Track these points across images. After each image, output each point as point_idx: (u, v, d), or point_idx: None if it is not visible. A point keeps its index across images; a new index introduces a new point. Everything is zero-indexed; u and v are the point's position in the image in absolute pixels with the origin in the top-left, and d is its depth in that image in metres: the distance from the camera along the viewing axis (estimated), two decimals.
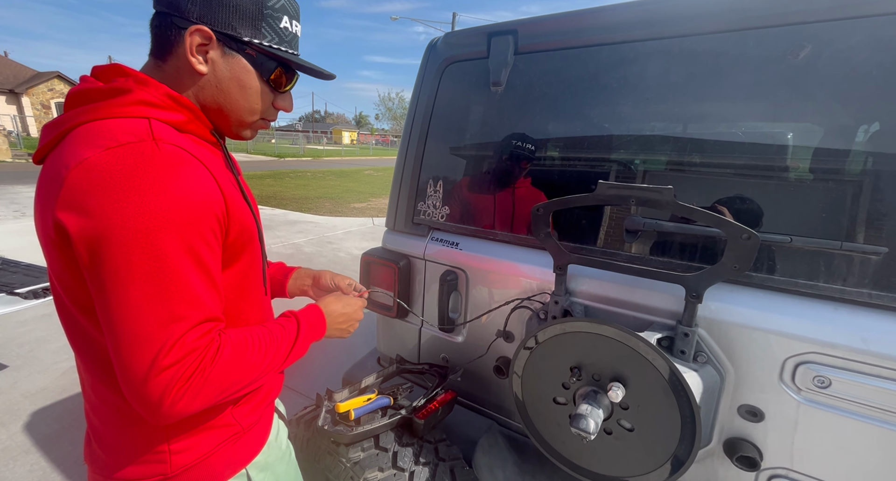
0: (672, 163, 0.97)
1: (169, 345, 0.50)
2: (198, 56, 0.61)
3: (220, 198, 0.57)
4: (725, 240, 0.76)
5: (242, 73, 0.65)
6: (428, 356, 1.37)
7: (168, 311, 0.51)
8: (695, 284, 0.81)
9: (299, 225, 7.33)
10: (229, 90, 0.65)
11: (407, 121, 1.32)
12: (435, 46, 1.25)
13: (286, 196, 10.46)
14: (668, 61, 0.94)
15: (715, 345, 0.86)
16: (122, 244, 0.48)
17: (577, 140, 1.14)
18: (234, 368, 0.57)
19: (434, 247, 1.27)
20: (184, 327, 0.51)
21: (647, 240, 0.96)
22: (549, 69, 1.10)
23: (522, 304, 1.08)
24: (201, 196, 0.54)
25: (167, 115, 0.59)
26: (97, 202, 0.48)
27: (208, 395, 0.54)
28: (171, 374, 0.50)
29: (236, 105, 0.66)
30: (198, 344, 0.53)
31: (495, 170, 1.25)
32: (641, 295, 0.94)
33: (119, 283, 0.49)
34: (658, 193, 0.79)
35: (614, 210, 1.01)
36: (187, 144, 0.57)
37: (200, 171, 0.55)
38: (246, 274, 0.69)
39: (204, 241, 0.54)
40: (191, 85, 0.63)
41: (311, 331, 0.74)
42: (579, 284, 1.02)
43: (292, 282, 0.98)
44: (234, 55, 0.63)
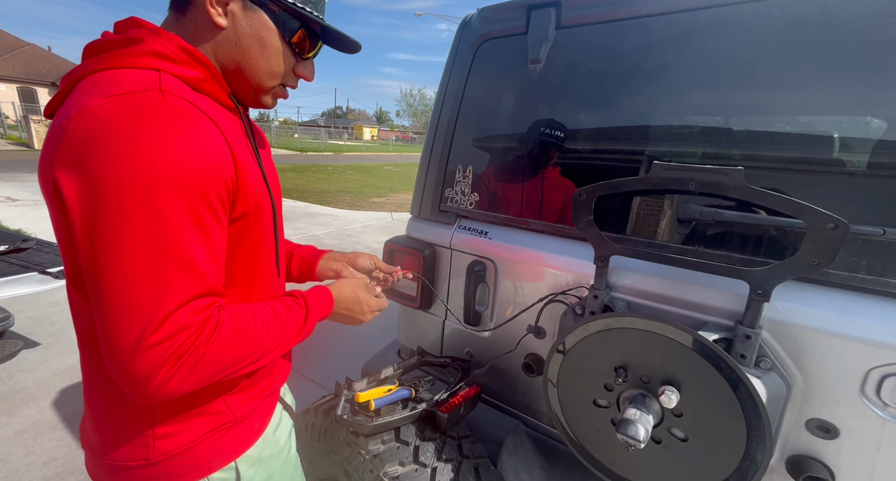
0: (744, 157, 0.86)
1: (160, 317, 0.45)
2: (217, 7, 0.57)
3: (231, 163, 0.53)
4: (803, 230, 0.67)
5: (264, 31, 0.60)
6: (451, 350, 1.30)
7: (162, 280, 0.46)
8: (762, 280, 0.71)
9: (319, 217, 7.38)
10: (249, 48, 0.60)
11: (436, 103, 1.26)
12: (469, 23, 1.18)
13: (307, 189, 10.58)
14: (737, 34, 0.84)
15: (781, 351, 0.77)
16: (117, 200, 0.44)
17: (626, 127, 1.05)
18: (233, 348, 0.53)
19: (461, 235, 1.20)
20: (179, 299, 0.47)
21: (703, 230, 0.87)
22: (596, 45, 1.01)
23: (557, 298, 1.00)
24: (208, 156, 0.49)
25: (181, 70, 0.54)
26: (93, 153, 0.44)
27: (201, 376, 0.50)
28: (161, 352, 0.45)
29: (255, 65, 0.61)
30: (193, 320, 0.48)
31: (535, 155, 1.18)
32: (693, 291, 0.85)
33: (111, 244, 0.44)
34: (725, 175, 0.70)
35: (665, 197, 0.92)
36: (200, 102, 0.52)
37: (210, 130, 0.51)
38: (256, 253, 0.65)
39: (208, 206, 0.49)
40: (209, 40, 0.59)
41: (318, 311, 0.69)
42: (621, 278, 0.94)
43: (323, 263, 0.93)
44: (255, 10, 0.59)
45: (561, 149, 1.10)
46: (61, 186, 0.45)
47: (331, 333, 3.10)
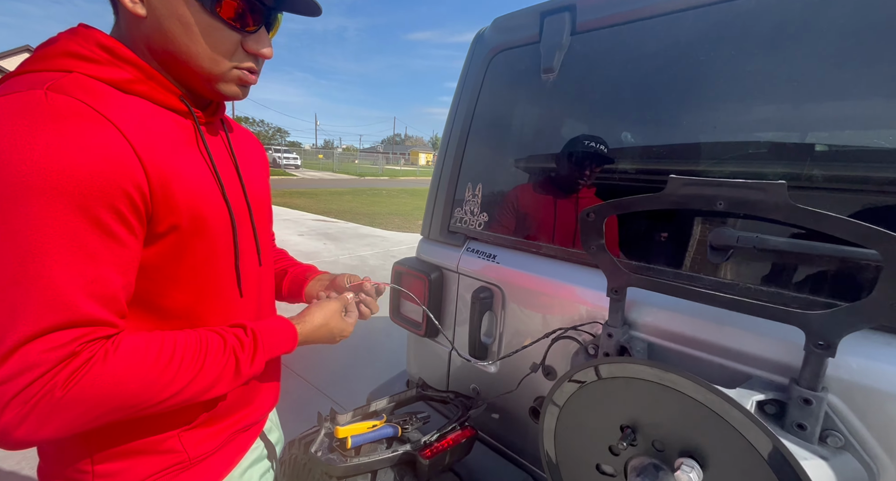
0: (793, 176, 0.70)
1: (2, 353, 0.38)
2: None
3: (137, 171, 0.45)
4: (878, 264, 0.50)
5: (180, 7, 0.50)
6: (457, 384, 1.19)
7: (9, 307, 0.39)
8: (822, 328, 0.54)
9: (368, 238, 7.62)
10: (173, 32, 0.51)
11: (447, 120, 1.21)
12: (482, 36, 1.13)
13: (360, 211, 11.05)
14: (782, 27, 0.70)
15: (858, 424, 0.57)
16: None
17: (651, 139, 0.92)
18: (115, 387, 0.43)
19: (468, 258, 1.11)
20: (27, 331, 0.39)
21: (743, 260, 0.71)
22: (618, 47, 0.91)
23: (566, 335, 0.86)
24: (95, 161, 0.42)
25: (103, 71, 0.48)
26: None
27: (66, 422, 0.41)
28: (2, 393, 0.38)
29: (187, 50, 0.52)
30: (44, 357, 0.39)
31: (545, 175, 1.07)
32: (733, 335, 0.68)
33: None
34: (762, 192, 0.55)
35: (695, 218, 0.77)
36: (111, 105, 0.45)
37: (103, 131, 0.43)
38: (204, 272, 0.57)
39: (90, 220, 0.42)
40: (138, 35, 0.52)
41: (273, 347, 0.59)
42: (643, 314, 0.79)
43: (311, 284, 0.85)
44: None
45: (585, 168, 0.99)
46: None
47: (361, 352, 3.07)
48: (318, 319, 0.68)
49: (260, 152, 0.77)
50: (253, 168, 0.69)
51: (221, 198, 0.57)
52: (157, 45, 0.52)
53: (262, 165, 0.74)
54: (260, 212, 0.68)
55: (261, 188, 0.70)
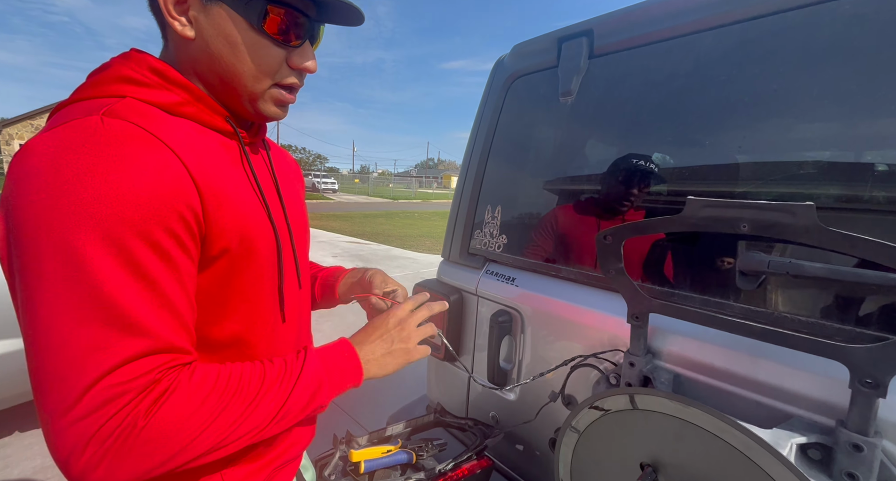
0: (846, 198, 0.65)
1: (81, 387, 0.36)
2: (179, 17, 0.49)
3: (191, 193, 0.44)
4: None
5: (228, 26, 0.49)
6: (477, 411, 1.16)
7: (86, 339, 0.37)
8: (869, 365, 0.49)
9: (399, 260, 7.72)
10: (221, 53, 0.50)
11: (468, 144, 1.23)
12: (502, 62, 1.16)
13: (392, 233, 11.27)
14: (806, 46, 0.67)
15: None
16: (31, 244, 0.37)
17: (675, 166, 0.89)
18: (198, 412, 0.41)
19: (488, 281, 1.10)
20: (107, 362, 0.37)
21: (777, 287, 0.66)
22: (634, 71, 0.90)
23: (587, 363, 0.82)
24: (153, 185, 0.41)
25: (154, 95, 0.48)
26: (16, 192, 0.38)
27: (142, 461, 0.39)
28: (82, 430, 0.36)
29: (233, 70, 0.51)
30: (129, 387, 0.38)
31: (588, 197, 1.06)
32: (771, 369, 0.63)
33: (29, 297, 0.38)
34: (789, 214, 0.52)
35: (720, 243, 0.73)
36: (165, 128, 0.45)
37: (159, 154, 0.43)
38: (252, 295, 0.54)
39: (151, 245, 0.41)
40: (187, 58, 0.52)
41: (335, 373, 0.54)
42: (669, 343, 0.74)
43: (343, 283, 0.79)
44: (212, 5, 0.49)
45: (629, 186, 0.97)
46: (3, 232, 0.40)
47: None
48: (375, 335, 0.61)
49: (297, 173, 0.76)
50: (292, 189, 0.68)
51: (267, 219, 0.56)
52: (203, 67, 0.52)
53: (299, 186, 0.73)
54: (299, 234, 0.66)
55: (300, 209, 0.68)
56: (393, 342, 0.61)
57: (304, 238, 0.71)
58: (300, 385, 0.50)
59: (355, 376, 0.56)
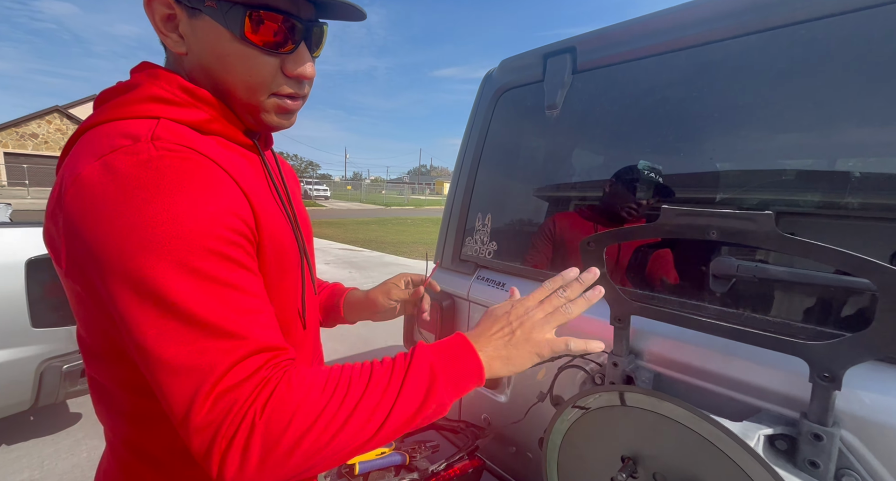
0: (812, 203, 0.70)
1: (198, 401, 0.38)
2: (170, 34, 0.48)
3: (247, 208, 0.45)
4: (874, 294, 0.50)
5: (213, 38, 0.47)
6: (469, 413, 1.18)
7: (190, 356, 0.38)
8: (825, 360, 0.53)
9: (392, 267, 7.72)
10: (211, 66, 0.49)
11: (459, 153, 1.28)
12: (490, 76, 1.21)
13: (385, 240, 11.27)
14: (769, 64, 0.73)
15: (877, 464, 0.55)
16: (118, 275, 0.38)
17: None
18: (302, 417, 0.40)
19: (479, 287, 1.14)
20: (214, 372, 0.39)
21: (746, 289, 0.70)
22: (614, 86, 0.95)
23: (573, 364, 0.86)
24: (218, 203, 0.42)
25: (184, 114, 0.47)
26: (90, 228, 0.39)
27: (274, 462, 0.39)
28: (211, 437, 0.38)
29: (226, 83, 0.50)
30: (239, 392, 0.39)
31: (590, 205, 1.10)
32: (741, 367, 0.67)
33: (129, 324, 0.39)
34: (751, 222, 0.56)
35: (695, 248, 0.78)
36: (204, 146, 0.45)
37: (214, 174, 0.43)
38: (284, 306, 0.55)
39: (225, 259, 0.42)
40: (185, 73, 0.51)
41: (451, 369, 0.48)
42: (650, 344, 0.78)
43: (346, 310, 0.81)
44: (199, 17, 0.47)
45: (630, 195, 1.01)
46: (72, 267, 0.41)
47: None
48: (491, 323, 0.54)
49: (296, 181, 0.77)
50: (297, 197, 0.68)
51: (292, 229, 0.56)
52: (203, 81, 0.50)
53: (300, 193, 0.74)
54: (309, 241, 0.66)
55: (305, 217, 0.69)
56: (514, 333, 0.52)
57: (311, 245, 0.71)
58: (409, 382, 0.45)
59: (476, 373, 0.49)
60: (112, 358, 0.46)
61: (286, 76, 0.51)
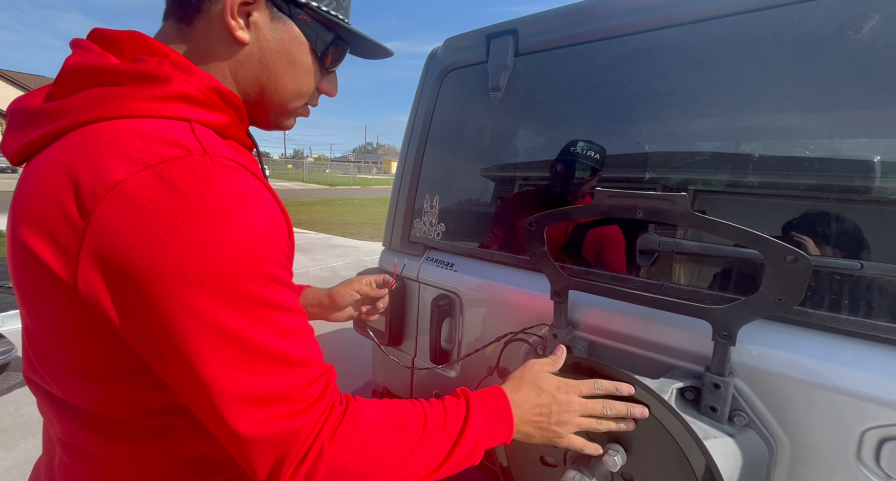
0: (731, 183, 0.79)
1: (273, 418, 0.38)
2: (238, 18, 0.45)
3: (285, 225, 0.43)
4: (764, 263, 0.58)
5: (293, 45, 0.50)
6: (421, 390, 1.22)
7: (256, 385, 0.38)
8: (724, 320, 0.62)
9: (339, 249, 7.52)
10: (276, 66, 0.50)
11: (405, 133, 1.26)
12: (435, 55, 1.19)
13: (332, 221, 10.90)
14: (691, 54, 0.79)
15: (760, 404, 0.65)
16: (176, 302, 0.35)
17: None
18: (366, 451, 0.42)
19: (428, 267, 1.16)
20: (285, 399, 0.39)
21: (665, 262, 0.79)
22: (554, 69, 0.99)
23: (517, 337, 0.92)
24: (274, 227, 0.41)
25: (210, 117, 0.44)
26: (142, 246, 0.35)
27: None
28: (278, 455, 0.39)
29: (282, 86, 0.51)
30: (306, 419, 0.40)
31: (536, 186, 1.14)
32: (660, 331, 0.76)
33: (190, 352, 0.36)
34: (669, 202, 0.63)
35: (628, 226, 0.85)
36: (240, 157, 0.43)
37: (265, 195, 0.41)
38: None
39: (283, 283, 0.41)
40: (226, 59, 0.48)
41: (490, 437, 0.51)
42: (584, 315, 0.85)
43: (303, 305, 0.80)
44: (285, 21, 0.49)
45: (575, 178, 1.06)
46: (103, 282, 0.36)
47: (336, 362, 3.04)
48: (529, 393, 0.56)
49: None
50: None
51: None
52: (248, 74, 0.50)
53: None
54: None
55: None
56: (549, 419, 0.55)
57: None
58: (460, 445, 0.48)
59: (504, 439, 0.53)
60: (112, 379, 0.42)
61: (318, 90, 0.58)
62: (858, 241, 0.66)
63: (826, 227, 0.68)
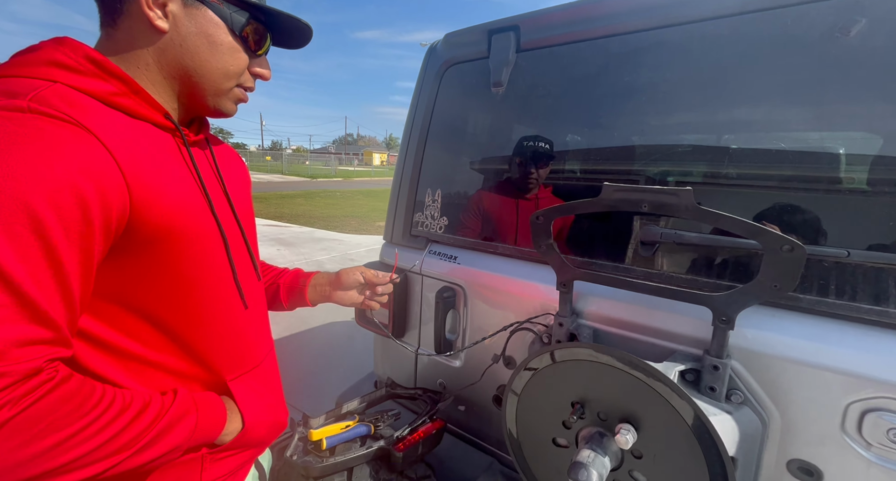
0: (710, 174, 0.84)
1: None
2: (155, 9, 0.52)
3: (118, 183, 0.45)
4: (761, 253, 0.62)
5: (210, 27, 0.56)
6: (424, 380, 1.25)
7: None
8: (723, 306, 0.66)
9: (324, 242, 7.44)
10: (197, 49, 0.56)
11: (405, 127, 1.26)
12: (435, 49, 1.20)
13: (314, 214, 10.73)
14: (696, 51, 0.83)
15: (754, 383, 0.71)
16: None
17: (586, 148, 1.03)
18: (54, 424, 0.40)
19: (431, 260, 1.17)
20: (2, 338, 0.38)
21: (666, 253, 0.83)
22: (555, 66, 1.01)
23: (523, 327, 0.95)
24: (71, 172, 0.42)
25: (86, 83, 0.48)
26: None
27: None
28: None
29: (207, 66, 0.57)
30: (11, 369, 0.38)
31: (503, 178, 1.16)
32: (661, 318, 0.80)
33: None
34: (674, 196, 0.66)
35: (630, 219, 0.89)
36: (94, 117, 0.46)
37: (84, 143, 0.43)
38: (196, 286, 0.57)
39: (61, 227, 0.41)
40: (148, 47, 0.54)
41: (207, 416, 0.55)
42: (588, 304, 0.89)
43: (312, 289, 0.88)
44: (198, 6, 0.55)
45: (531, 169, 1.08)
46: None
47: (324, 359, 3.04)
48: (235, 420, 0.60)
49: (242, 169, 0.77)
50: (237, 184, 0.70)
51: (210, 213, 0.58)
52: (171, 59, 0.56)
53: (245, 182, 0.75)
54: (249, 228, 0.70)
55: (246, 204, 0.71)
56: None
57: (254, 232, 0.74)
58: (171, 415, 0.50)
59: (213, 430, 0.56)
60: None
61: (250, 73, 0.63)
62: (816, 229, 0.72)
63: (791, 217, 0.73)
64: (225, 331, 0.62)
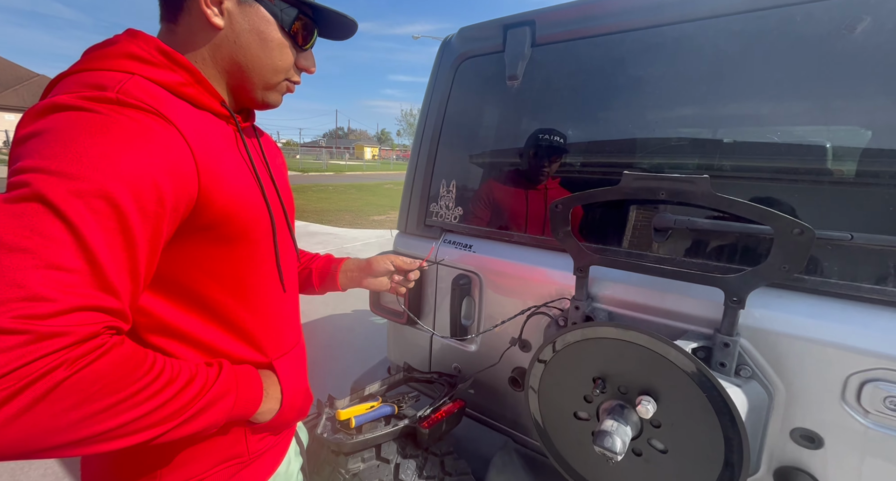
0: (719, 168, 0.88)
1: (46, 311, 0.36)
2: (212, 7, 0.56)
3: (191, 169, 0.49)
4: (771, 237, 0.67)
5: (262, 24, 0.59)
6: (439, 365, 1.29)
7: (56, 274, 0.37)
8: (736, 287, 0.71)
9: (319, 236, 7.41)
10: (249, 45, 0.59)
11: (419, 120, 1.29)
12: (449, 42, 1.22)
13: (308, 208, 10.66)
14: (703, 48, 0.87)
15: (761, 358, 0.76)
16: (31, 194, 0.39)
17: (597, 140, 1.07)
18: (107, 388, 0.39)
19: (445, 249, 1.21)
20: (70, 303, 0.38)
21: (678, 239, 0.88)
22: (570, 60, 1.04)
23: (539, 311, 1.00)
24: (154, 160, 0.45)
25: (159, 74, 0.52)
26: (32, 143, 0.42)
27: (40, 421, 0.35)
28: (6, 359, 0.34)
29: (258, 62, 0.61)
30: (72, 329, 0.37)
31: (513, 169, 1.20)
32: (673, 300, 0.85)
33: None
34: (692, 184, 0.71)
35: (642, 206, 0.93)
36: (171, 107, 0.49)
37: (166, 133, 0.47)
38: (247, 270, 0.60)
39: (138, 211, 0.43)
40: (205, 43, 0.58)
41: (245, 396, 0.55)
42: (603, 288, 0.94)
43: (343, 275, 0.92)
44: (251, 4, 0.59)
45: (543, 161, 1.12)
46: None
47: (332, 350, 3.07)
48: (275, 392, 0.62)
49: (281, 157, 0.81)
50: (281, 172, 0.74)
51: (262, 198, 0.61)
52: (225, 54, 0.59)
53: (285, 168, 0.79)
54: (291, 214, 0.74)
55: (288, 191, 0.75)
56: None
57: (293, 217, 0.78)
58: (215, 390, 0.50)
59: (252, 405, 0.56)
60: None
61: (296, 67, 0.67)
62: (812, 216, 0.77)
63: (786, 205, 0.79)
64: (269, 313, 0.65)
